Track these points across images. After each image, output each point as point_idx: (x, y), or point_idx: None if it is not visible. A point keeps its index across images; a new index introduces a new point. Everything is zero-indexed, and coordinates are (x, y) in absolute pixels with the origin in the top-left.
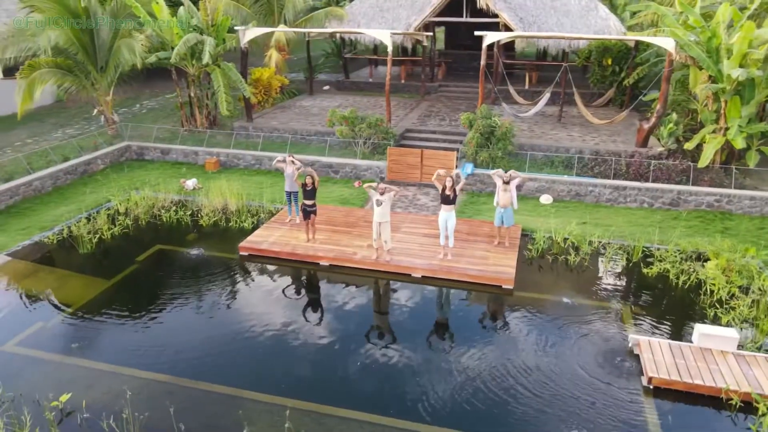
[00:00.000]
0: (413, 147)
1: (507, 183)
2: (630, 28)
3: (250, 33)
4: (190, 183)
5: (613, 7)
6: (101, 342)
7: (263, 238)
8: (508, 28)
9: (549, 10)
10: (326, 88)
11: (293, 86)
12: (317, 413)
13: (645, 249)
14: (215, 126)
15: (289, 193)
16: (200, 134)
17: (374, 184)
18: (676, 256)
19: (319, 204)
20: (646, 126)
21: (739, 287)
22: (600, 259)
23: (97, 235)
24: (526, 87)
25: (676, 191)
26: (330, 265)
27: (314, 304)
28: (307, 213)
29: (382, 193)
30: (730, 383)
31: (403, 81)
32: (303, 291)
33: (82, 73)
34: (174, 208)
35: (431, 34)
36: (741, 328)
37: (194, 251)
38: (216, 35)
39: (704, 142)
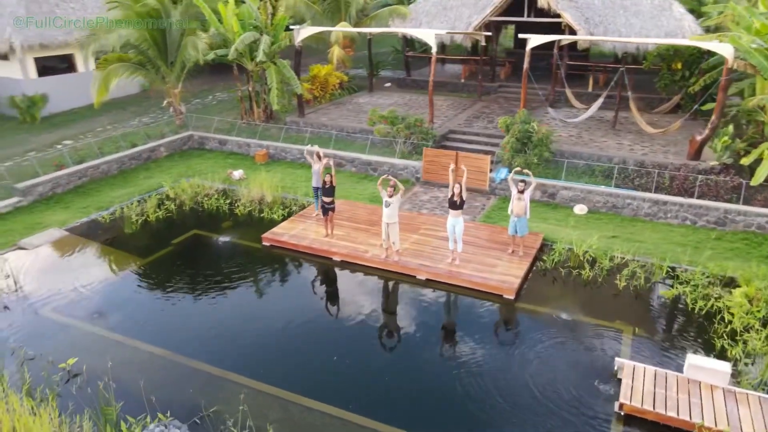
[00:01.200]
0: (454, 148)
1: (521, 192)
2: (708, 30)
3: (303, 32)
4: (237, 174)
5: (701, 3)
6: (118, 314)
7: (286, 231)
8: (572, 29)
9: (618, 9)
10: (388, 85)
11: (354, 83)
12: (278, 398)
13: (670, 269)
14: (271, 120)
15: (315, 189)
16: (256, 127)
17: (389, 180)
18: (702, 280)
19: (349, 200)
20: (699, 138)
21: (760, 319)
22: (616, 276)
23: (143, 217)
24: (590, 90)
25: (723, 210)
26: (341, 261)
27: (315, 295)
28: (325, 210)
29: (390, 195)
30: (708, 420)
31: (462, 80)
32: (310, 283)
33: (153, 67)
34: (216, 196)
35: (489, 33)
36: (746, 363)
37: (223, 238)
38: (274, 34)
39: (763, 158)
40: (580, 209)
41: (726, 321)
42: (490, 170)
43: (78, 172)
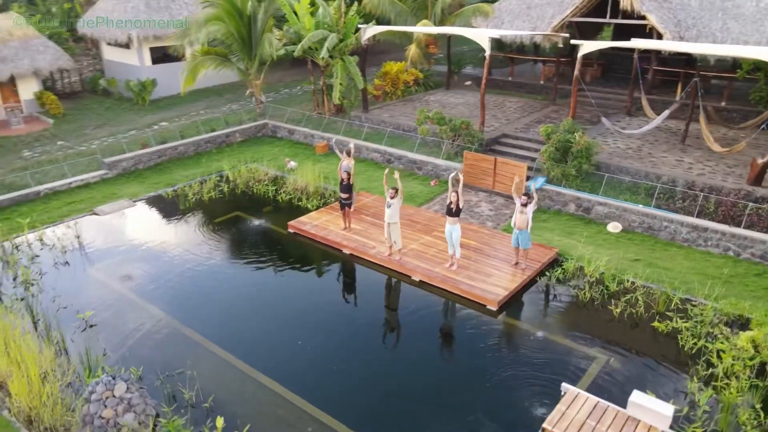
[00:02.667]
0: (504, 153)
1: (524, 206)
2: None
3: (369, 31)
4: (292, 163)
5: None
6: (143, 279)
7: (310, 221)
8: (659, 33)
9: (717, 11)
10: (468, 83)
11: (433, 80)
12: (231, 365)
13: (681, 301)
14: (340, 113)
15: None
16: (325, 119)
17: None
18: (711, 317)
19: (383, 197)
20: (760, 161)
21: (751, 367)
22: (615, 300)
23: (198, 196)
24: (677, 98)
25: None
26: (350, 254)
27: (313, 281)
28: (342, 205)
29: (392, 197)
30: None
31: (542, 82)
32: (314, 270)
33: (238, 60)
34: (267, 182)
35: (566, 35)
36: (705, 411)
37: (258, 222)
38: (344, 32)
39: None
40: (614, 227)
41: (713, 364)
42: (527, 179)
43: (158, 151)
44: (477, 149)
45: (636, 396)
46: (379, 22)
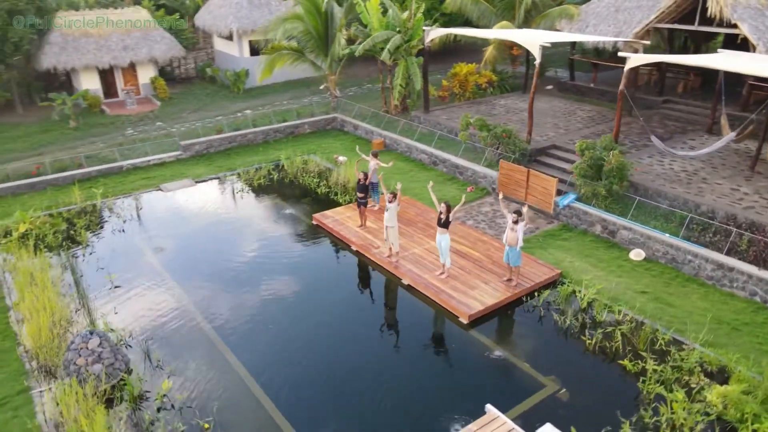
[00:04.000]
0: (547, 165)
1: (515, 223)
2: None
3: (432, 33)
4: (341, 158)
5: None
6: (171, 252)
7: (333, 215)
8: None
9: None
10: (549, 87)
11: (510, 82)
12: (205, 335)
13: (668, 342)
14: (405, 112)
15: (373, 184)
16: (388, 117)
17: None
18: (692, 364)
19: (413, 198)
20: None
21: (709, 426)
22: (592, 331)
23: (249, 182)
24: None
25: None
26: (356, 250)
27: (313, 269)
28: (359, 203)
29: (390, 201)
30: None
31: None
32: (320, 259)
33: (314, 57)
34: (314, 174)
35: (646, 42)
36: None
37: (290, 210)
38: (411, 33)
39: None
40: (636, 254)
41: (663, 414)
42: (559, 193)
43: (230, 137)
44: (518, 159)
45: (547, 428)
46: (461, 23)
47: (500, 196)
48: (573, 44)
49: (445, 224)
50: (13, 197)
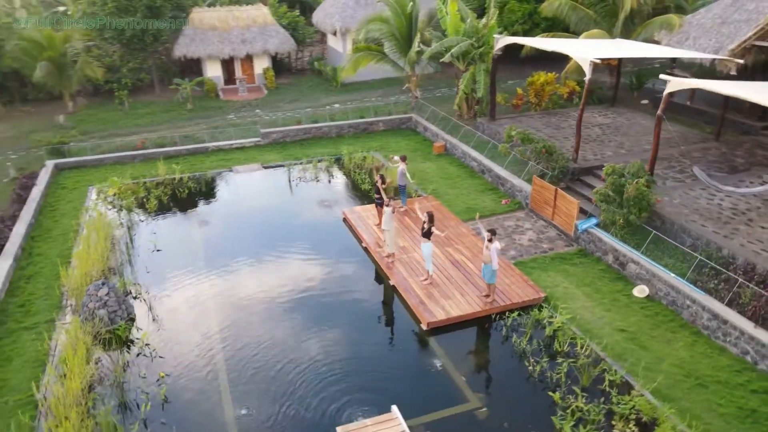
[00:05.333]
0: (586, 185)
1: (489, 241)
2: None
3: (501, 41)
4: (397, 158)
5: None
6: (213, 226)
7: (360, 212)
8: None
9: None
10: (644, 102)
11: (600, 94)
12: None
13: (615, 384)
14: (477, 118)
15: (401, 187)
16: (454, 121)
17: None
18: (628, 410)
19: (444, 204)
20: None
21: None
22: (537, 357)
23: (306, 172)
24: None
25: None
26: (365, 247)
27: (323, 256)
28: (377, 204)
29: (387, 205)
30: None
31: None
32: (331, 249)
33: (396, 57)
34: (366, 171)
35: (740, 61)
36: None
37: (328, 202)
38: (484, 40)
39: None
40: (639, 291)
41: None
42: (585, 215)
43: (305, 129)
44: (556, 176)
45: None
46: (561, 29)
47: (477, 216)
48: (673, 58)
49: (426, 234)
50: (117, 165)
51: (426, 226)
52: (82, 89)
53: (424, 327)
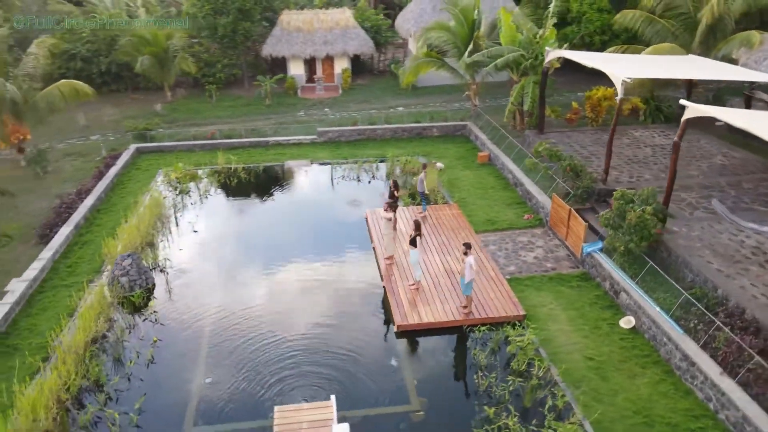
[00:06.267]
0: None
1: (465, 254)
2: None
3: (551, 54)
4: (439, 164)
5: None
6: (247, 214)
7: (380, 213)
8: None
9: None
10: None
11: (667, 111)
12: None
13: (559, 409)
14: (528, 129)
15: (420, 193)
16: (501, 132)
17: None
18: None
19: (466, 214)
20: None
21: None
22: (486, 373)
23: (346, 173)
24: None
25: (742, 415)
26: (373, 247)
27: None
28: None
29: (385, 210)
30: None
31: None
32: (341, 245)
33: (457, 65)
34: (406, 174)
35: None
36: None
37: (357, 202)
38: (537, 51)
39: None
40: (626, 322)
41: None
42: (599, 238)
43: (359, 130)
44: (580, 196)
45: (342, 426)
46: (640, 41)
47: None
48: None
49: (412, 242)
50: (187, 152)
51: (412, 234)
52: (185, 81)
53: (395, 329)
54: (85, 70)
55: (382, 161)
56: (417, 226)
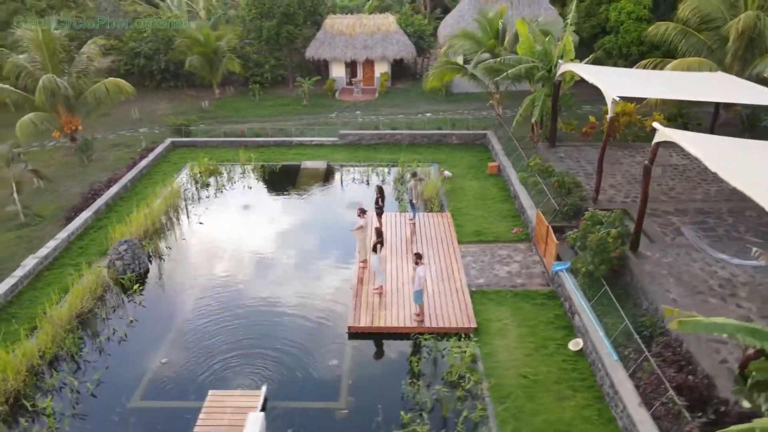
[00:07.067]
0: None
1: (416, 264)
2: None
3: (563, 67)
4: (447, 173)
5: None
6: (252, 209)
7: (372, 217)
8: None
9: None
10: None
11: (696, 129)
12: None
13: (472, 421)
14: (542, 141)
15: (409, 201)
16: (513, 143)
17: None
18: None
19: (460, 225)
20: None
21: None
22: (417, 381)
23: (356, 175)
24: None
25: None
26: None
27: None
28: (378, 214)
29: (359, 216)
30: None
31: None
32: (326, 244)
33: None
34: (407, 180)
35: None
36: None
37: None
38: (551, 64)
39: None
40: (574, 344)
41: None
42: (557, 258)
43: (379, 134)
44: (566, 213)
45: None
46: (673, 54)
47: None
48: None
49: (373, 249)
50: (216, 148)
51: (374, 240)
52: (236, 80)
53: (346, 331)
54: (147, 67)
55: (393, 166)
56: (378, 234)
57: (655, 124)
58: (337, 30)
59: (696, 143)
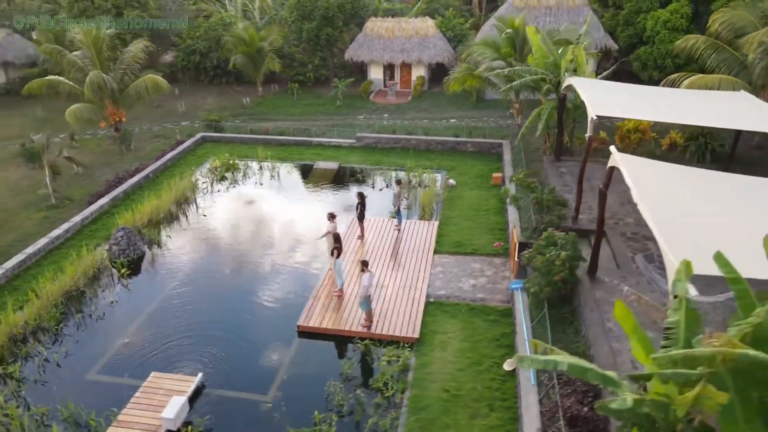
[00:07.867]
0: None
1: (362, 271)
2: None
3: (567, 81)
4: (452, 181)
5: None
6: (256, 204)
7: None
8: None
9: None
10: None
11: (719, 150)
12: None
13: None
14: (552, 154)
15: (395, 208)
16: (527, 155)
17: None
18: None
19: (443, 234)
20: None
21: None
22: (340, 384)
23: (364, 178)
24: None
25: None
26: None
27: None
28: (359, 219)
29: (329, 220)
30: None
31: None
32: (303, 242)
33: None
34: (413, 186)
35: None
36: None
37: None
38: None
39: None
40: (509, 364)
41: None
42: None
43: (395, 139)
44: (542, 229)
45: (177, 400)
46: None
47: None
48: None
49: (330, 253)
50: (241, 144)
51: (331, 245)
52: (281, 78)
53: (295, 327)
54: (202, 63)
55: (402, 170)
56: (336, 239)
57: (612, 148)
58: (376, 33)
59: (638, 170)
